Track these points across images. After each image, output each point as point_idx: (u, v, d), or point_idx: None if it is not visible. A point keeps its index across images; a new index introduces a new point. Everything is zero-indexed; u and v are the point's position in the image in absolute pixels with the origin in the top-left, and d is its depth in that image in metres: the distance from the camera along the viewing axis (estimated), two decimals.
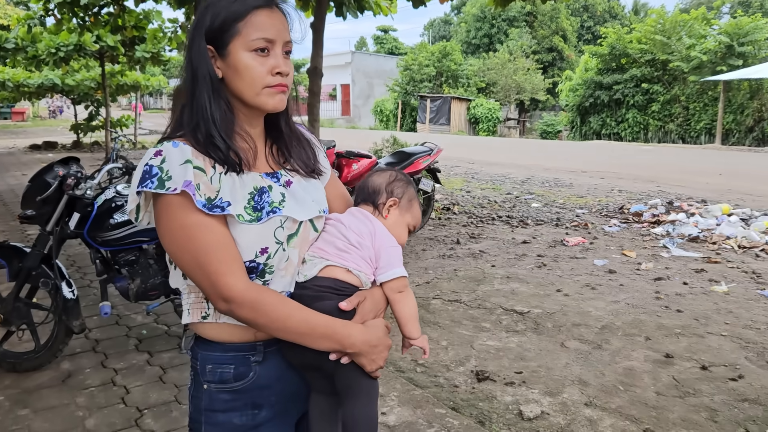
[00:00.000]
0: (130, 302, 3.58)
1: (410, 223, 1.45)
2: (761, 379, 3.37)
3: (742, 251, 6.39)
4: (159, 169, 1.17)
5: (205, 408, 1.29)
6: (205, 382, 1.28)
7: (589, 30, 42.50)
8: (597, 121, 28.79)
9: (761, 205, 8.96)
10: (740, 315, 4.40)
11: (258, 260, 1.22)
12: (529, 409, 2.99)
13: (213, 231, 1.18)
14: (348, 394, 1.26)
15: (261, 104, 1.25)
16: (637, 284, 5.16)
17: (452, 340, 3.93)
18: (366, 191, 1.44)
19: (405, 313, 1.34)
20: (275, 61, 1.23)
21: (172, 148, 1.20)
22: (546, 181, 12.11)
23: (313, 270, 1.29)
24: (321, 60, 7.00)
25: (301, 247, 1.30)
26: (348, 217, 1.38)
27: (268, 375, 1.29)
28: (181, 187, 1.15)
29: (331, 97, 42.31)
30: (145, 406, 3.07)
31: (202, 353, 1.29)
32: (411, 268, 5.66)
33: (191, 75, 1.24)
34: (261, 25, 1.21)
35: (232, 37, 1.21)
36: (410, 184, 1.46)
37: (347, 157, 6.52)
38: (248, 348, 1.28)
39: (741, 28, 24.23)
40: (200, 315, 1.28)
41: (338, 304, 1.24)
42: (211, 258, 1.16)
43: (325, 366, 1.24)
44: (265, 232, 1.23)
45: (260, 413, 1.29)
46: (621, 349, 3.79)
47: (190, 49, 1.25)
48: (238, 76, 1.23)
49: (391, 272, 1.31)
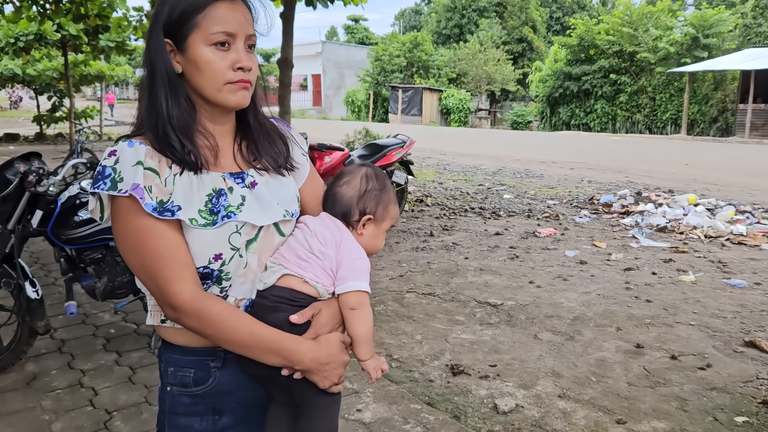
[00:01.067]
0: (97, 301, 3.49)
1: (390, 225, 1.37)
2: (728, 368, 3.44)
3: (709, 241, 6.51)
4: (112, 170, 1.13)
5: (168, 410, 1.27)
6: (168, 384, 1.26)
7: (558, 21, 42.88)
8: (566, 112, 29.13)
9: (726, 194, 9.16)
10: (707, 304, 4.49)
11: (212, 266, 1.18)
12: (503, 403, 3.00)
13: (163, 236, 1.13)
14: (305, 408, 1.22)
15: (223, 101, 1.19)
16: (607, 275, 5.22)
17: (426, 334, 3.92)
18: (336, 208, 1.32)
19: (355, 332, 1.24)
20: (237, 56, 1.17)
21: (126, 148, 1.15)
22: (517, 172, 12.20)
23: (271, 278, 1.22)
24: (291, 51, 6.91)
25: (263, 252, 1.24)
26: (315, 223, 1.29)
27: (229, 381, 1.25)
28: (130, 190, 1.11)
29: (302, 87, 41.99)
30: (114, 407, 2.99)
31: (166, 355, 1.27)
32: (384, 261, 5.64)
33: (149, 70, 1.19)
34: (221, 17, 1.16)
35: (190, 30, 1.15)
36: (384, 190, 1.34)
37: (319, 150, 6.46)
38: (208, 353, 1.24)
39: (706, 20, 24.72)
40: (160, 318, 1.24)
41: (290, 317, 1.18)
42: (160, 264, 1.12)
43: (279, 380, 1.20)
44: (220, 237, 1.17)
45: (221, 419, 1.26)
46: (593, 340, 3.83)
47: (148, 43, 1.19)
48: (198, 72, 1.17)
49: (346, 285, 1.21)
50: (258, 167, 1.28)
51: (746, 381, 3.28)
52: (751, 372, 3.39)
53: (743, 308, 4.40)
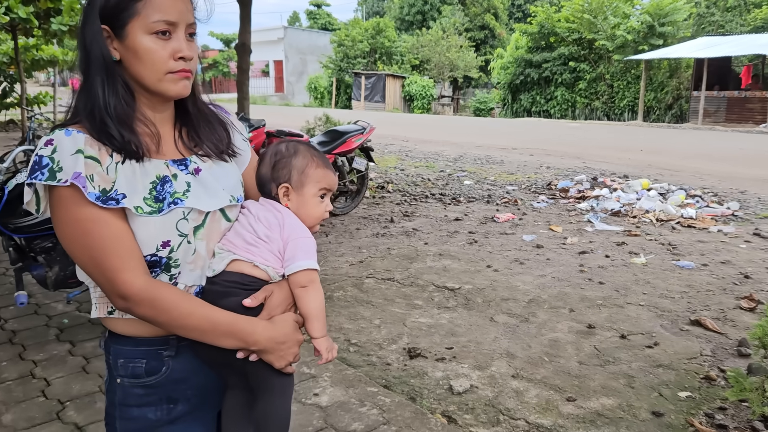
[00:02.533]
0: (48, 291, 3.42)
1: (319, 189, 1.33)
2: (674, 346, 3.57)
3: (660, 224, 6.72)
4: (50, 160, 1.10)
5: (119, 402, 1.25)
6: (118, 377, 1.24)
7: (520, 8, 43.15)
8: (527, 99, 29.46)
9: (678, 179, 9.44)
10: (657, 285, 4.64)
11: (160, 254, 1.17)
12: (458, 384, 3.07)
13: (108, 225, 1.12)
14: (260, 391, 1.23)
15: (163, 91, 1.19)
16: (562, 258, 5.35)
17: (385, 319, 3.96)
18: (259, 188, 1.34)
19: (307, 309, 1.26)
20: (178, 45, 1.16)
21: (64, 137, 1.13)
22: (478, 159, 12.32)
23: (220, 264, 1.23)
24: (249, 36, 6.83)
25: (210, 238, 1.24)
26: (257, 207, 1.30)
27: (183, 369, 1.25)
28: (71, 179, 1.09)
29: (264, 73, 41.41)
30: (67, 398, 2.95)
31: (114, 347, 1.25)
32: (345, 247, 5.66)
33: (84, 57, 1.16)
34: (162, 5, 1.14)
35: (130, 17, 1.14)
36: (293, 155, 1.33)
37: (278, 137, 6.41)
38: (160, 342, 1.23)
39: (662, 9, 25.24)
40: (106, 310, 1.23)
41: (242, 301, 1.20)
42: (107, 253, 1.11)
43: (234, 364, 1.21)
44: (167, 224, 1.17)
45: (176, 407, 1.26)
46: (547, 322, 3.93)
47: (83, 29, 1.17)
48: (137, 60, 1.16)
49: (294, 265, 1.23)
50: (200, 153, 1.28)
51: (690, 358, 3.42)
52: (695, 349, 3.53)
53: (690, 288, 4.57)
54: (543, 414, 2.83)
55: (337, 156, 6.57)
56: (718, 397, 2.98)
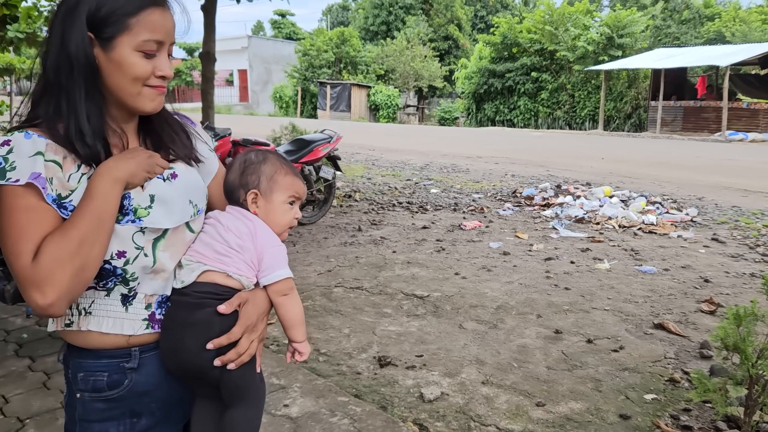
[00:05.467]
0: (6, 305, 3.30)
1: (288, 196, 1.34)
2: (639, 349, 3.64)
3: (622, 230, 6.86)
4: (3, 159, 1.07)
5: (80, 418, 1.21)
6: (78, 391, 1.20)
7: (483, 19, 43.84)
8: (491, 108, 29.88)
9: (638, 186, 9.67)
10: (621, 290, 4.73)
11: (114, 263, 1.14)
12: (429, 391, 3.06)
13: (42, 218, 1.07)
14: (234, 399, 1.22)
15: (139, 106, 1.18)
16: (529, 265, 5.41)
17: (354, 328, 3.94)
18: (229, 198, 1.34)
19: (290, 316, 1.28)
20: (160, 64, 1.17)
21: (22, 139, 1.10)
22: (444, 167, 12.42)
23: (191, 275, 1.21)
24: (214, 44, 6.77)
25: (173, 249, 1.22)
26: (226, 217, 1.29)
27: (146, 382, 1.22)
28: (28, 179, 1.06)
29: (228, 82, 41.08)
30: (26, 415, 2.85)
31: (74, 361, 1.21)
32: (313, 256, 5.63)
33: (65, 61, 1.13)
34: (154, 25, 1.14)
35: (120, 31, 1.13)
36: (261, 163, 1.34)
37: (244, 146, 6.35)
38: (122, 355, 1.20)
39: (620, 21, 25.96)
40: (64, 322, 1.19)
41: (217, 307, 1.19)
42: (22, 239, 1.06)
43: (209, 374, 1.19)
44: (123, 234, 1.14)
45: (140, 422, 1.22)
46: (515, 328, 3.96)
47: (65, 30, 1.13)
48: (119, 73, 1.14)
49: (274, 275, 1.24)
50: (171, 158, 1.26)
51: (655, 361, 3.49)
52: (659, 352, 3.61)
53: (653, 293, 4.67)
54: (513, 419, 2.84)
55: (304, 165, 6.54)
56: (683, 398, 3.04)
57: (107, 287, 1.16)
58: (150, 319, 1.21)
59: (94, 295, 1.17)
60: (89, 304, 1.17)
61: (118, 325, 1.18)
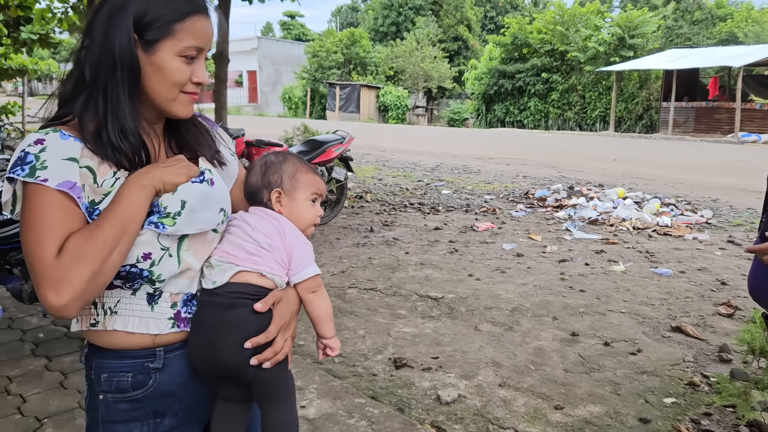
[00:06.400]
0: (23, 304, 3.32)
1: (310, 193, 1.35)
2: (657, 352, 3.60)
3: (637, 232, 6.81)
4: (35, 157, 1.06)
5: (103, 419, 1.20)
6: (101, 392, 1.20)
7: (492, 20, 43.75)
8: (501, 109, 29.79)
9: (652, 188, 9.60)
10: (637, 292, 4.69)
11: (140, 266, 1.13)
12: (446, 394, 3.04)
13: (67, 215, 1.07)
14: (271, 399, 1.21)
15: (173, 111, 1.19)
16: (543, 266, 5.38)
17: (369, 329, 3.93)
18: (250, 197, 1.35)
19: (320, 312, 1.29)
20: (198, 70, 1.18)
21: (58, 140, 1.09)
22: (455, 168, 12.39)
23: (223, 276, 1.21)
24: (227, 45, 6.78)
25: (197, 248, 1.21)
26: (253, 218, 1.29)
27: (171, 382, 1.21)
28: (61, 187, 1.05)
29: (238, 83, 41.18)
30: (44, 414, 2.86)
31: (97, 362, 1.20)
32: (326, 257, 5.62)
33: (108, 60, 1.12)
34: (197, 32, 1.15)
35: (165, 35, 1.13)
36: (283, 162, 1.36)
37: (257, 146, 6.36)
38: (146, 355, 1.19)
39: (631, 21, 25.83)
40: (89, 322, 1.18)
41: (253, 306, 1.19)
42: (45, 236, 1.05)
43: (245, 374, 1.19)
44: (147, 237, 1.13)
45: (163, 422, 1.21)
46: (531, 330, 3.93)
47: (109, 30, 1.12)
48: (158, 77, 1.14)
49: (305, 272, 1.25)
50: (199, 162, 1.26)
51: (674, 364, 3.45)
52: (678, 355, 3.57)
53: (669, 295, 4.63)
54: (532, 423, 2.82)
55: (316, 165, 6.54)
56: (703, 402, 3.01)
57: (133, 287, 1.16)
58: (176, 317, 1.20)
59: (120, 294, 1.16)
60: (115, 303, 1.16)
61: (143, 324, 1.17)
